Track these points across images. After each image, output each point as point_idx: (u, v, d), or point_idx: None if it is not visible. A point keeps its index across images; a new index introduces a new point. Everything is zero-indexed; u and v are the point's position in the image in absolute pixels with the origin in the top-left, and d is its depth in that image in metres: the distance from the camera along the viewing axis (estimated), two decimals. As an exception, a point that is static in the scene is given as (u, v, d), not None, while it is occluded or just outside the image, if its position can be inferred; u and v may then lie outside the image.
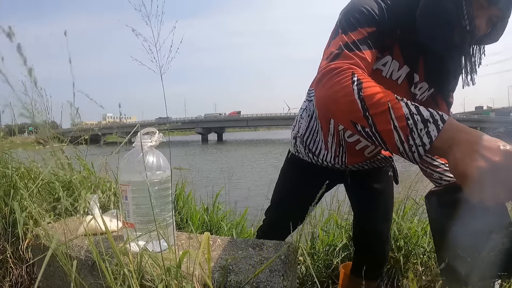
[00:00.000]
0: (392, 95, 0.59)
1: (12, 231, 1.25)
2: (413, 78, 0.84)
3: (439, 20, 0.70)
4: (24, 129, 1.87)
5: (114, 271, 0.71)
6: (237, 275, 0.77)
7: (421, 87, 0.86)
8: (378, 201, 1.09)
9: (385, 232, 1.13)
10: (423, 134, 0.53)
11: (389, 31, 0.75)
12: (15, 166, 1.40)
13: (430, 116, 0.54)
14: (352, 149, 1.00)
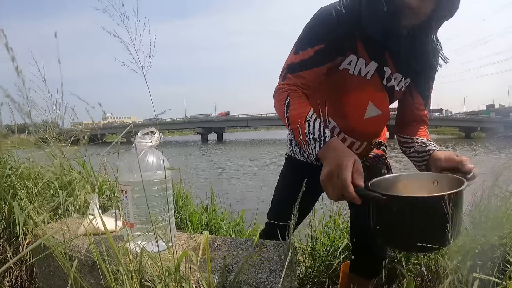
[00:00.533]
0: (304, 115, 0.81)
1: (12, 231, 1.25)
2: (384, 71, 0.89)
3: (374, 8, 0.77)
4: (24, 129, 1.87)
5: (114, 271, 0.71)
6: (237, 275, 0.77)
7: (396, 78, 0.91)
8: None
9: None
10: (312, 148, 0.79)
11: (344, 36, 0.84)
12: (15, 166, 1.40)
13: (318, 136, 0.78)
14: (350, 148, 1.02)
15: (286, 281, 0.80)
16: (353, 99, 0.93)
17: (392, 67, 0.89)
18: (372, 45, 0.86)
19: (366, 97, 0.92)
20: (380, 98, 0.92)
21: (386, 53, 0.87)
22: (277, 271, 0.80)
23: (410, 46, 0.83)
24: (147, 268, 0.72)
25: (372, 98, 0.92)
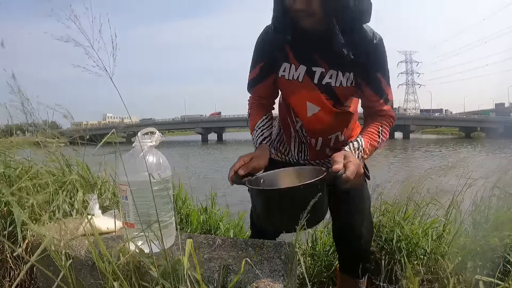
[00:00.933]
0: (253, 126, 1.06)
1: (12, 231, 1.25)
2: (313, 72, 0.97)
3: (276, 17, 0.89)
4: (24, 129, 1.87)
5: (114, 272, 0.71)
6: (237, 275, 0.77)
7: (332, 75, 0.96)
8: (346, 198, 1.08)
9: (357, 226, 1.13)
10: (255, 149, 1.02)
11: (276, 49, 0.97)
12: (14, 166, 1.39)
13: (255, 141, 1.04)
14: (311, 146, 1.13)
15: (286, 281, 0.80)
16: (295, 100, 1.05)
17: (324, 65, 0.96)
18: (299, 51, 0.95)
19: (303, 97, 1.02)
20: (315, 96, 1.00)
21: (314, 54, 0.95)
22: (277, 271, 0.80)
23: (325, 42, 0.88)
24: (145, 268, 0.72)
25: (308, 97, 1.01)
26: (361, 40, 0.91)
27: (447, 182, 1.90)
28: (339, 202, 1.03)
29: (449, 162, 2.06)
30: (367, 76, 0.96)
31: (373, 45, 0.92)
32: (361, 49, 0.91)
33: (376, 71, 0.95)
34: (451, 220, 1.59)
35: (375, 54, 0.93)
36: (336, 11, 0.83)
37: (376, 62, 0.94)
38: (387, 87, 0.97)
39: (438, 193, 1.78)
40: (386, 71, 0.97)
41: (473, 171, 1.88)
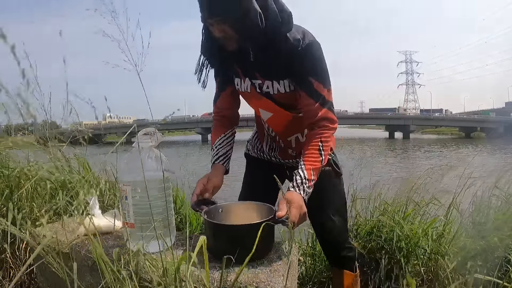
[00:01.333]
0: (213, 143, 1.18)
1: (11, 232, 1.25)
2: (255, 84, 1.08)
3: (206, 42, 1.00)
4: (24, 128, 1.87)
5: (114, 272, 0.71)
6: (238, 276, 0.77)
7: (268, 85, 1.06)
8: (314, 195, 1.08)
9: (327, 221, 1.19)
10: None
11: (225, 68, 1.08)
12: (13, 166, 1.39)
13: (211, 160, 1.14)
14: (280, 146, 1.23)
15: (286, 281, 0.80)
16: (252, 107, 1.18)
17: (260, 78, 1.06)
18: (242, 67, 1.06)
19: (255, 105, 1.15)
20: (263, 103, 1.10)
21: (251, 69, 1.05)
22: (277, 271, 0.80)
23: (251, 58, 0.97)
24: (145, 268, 0.72)
25: (259, 105, 1.13)
26: (286, 48, 0.97)
27: (447, 183, 1.90)
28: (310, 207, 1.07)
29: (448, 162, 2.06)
30: (299, 81, 1.02)
31: (298, 51, 0.97)
32: (287, 57, 0.98)
33: (307, 75, 1.00)
34: (451, 219, 1.59)
35: (302, 59, 0.98)
36: (248, 31, 0.90)
37: (305, 67, 0.99)
38: (323, 89, 1.01)
39: (438, 193, 1.78)
40: (320, 73, 1.01)
41: (473, 171, 1.88)
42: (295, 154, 1.21)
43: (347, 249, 1.22)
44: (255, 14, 0.89)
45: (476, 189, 1.67)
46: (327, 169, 1.18)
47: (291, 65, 0.99)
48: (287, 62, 0.99)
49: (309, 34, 1.00)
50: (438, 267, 1.43)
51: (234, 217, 1.00)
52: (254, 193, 1.17)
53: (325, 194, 1.18)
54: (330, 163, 1.19)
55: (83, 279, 0.88)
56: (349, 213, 1.88)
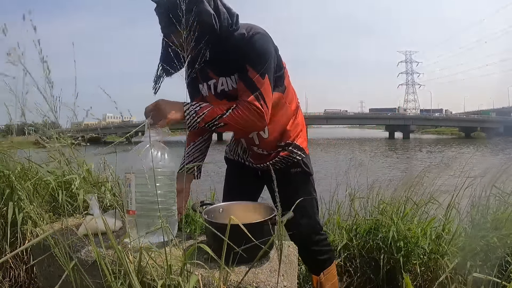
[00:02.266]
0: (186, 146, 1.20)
1: (11, 231, 1.25)
2: (210, 84, 1.11)
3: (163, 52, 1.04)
4: (24, 129, 1.87)
5: (115, 270, 0.71)
6: (237, 275, 0.77)
7: (222, 82, 1.09)
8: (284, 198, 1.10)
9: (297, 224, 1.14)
10: None
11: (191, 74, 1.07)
12: (14, 166, 1.39)
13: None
14: (252, 151, 1.23)
15: (286, 281, 0.80)
16: None
17: (214, 77, 1.10)
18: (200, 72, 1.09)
19: None
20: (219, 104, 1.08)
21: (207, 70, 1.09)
22: (277, 271, 0.80)
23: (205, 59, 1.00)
24: (147, 268, 0.72)
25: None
26: (234, 44, 1.02)
27: (444, 183, 1.91)
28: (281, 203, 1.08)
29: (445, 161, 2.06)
30: (239, 69, 1.04)
31: (242, 43, 1.01)
32: (235, 52, 1.02)
33: (245, 62, 1.01)
34: (450, 219, 1.60)
35: (244, 49, 1.01)
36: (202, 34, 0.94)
37: (245, 55, 1.02)
38: (257, 78, 1.01)
39: (436, 192, 1.79)
40: (255, 62, 1.01)
41: (470, 170, 1.88)
42: (263, 151, 1.20)
43: (319, 252, 1.21)
44: (209, 15, 0.94)
45: (474, 188, 1.68)
46: (298, 170, 1.20)
47: (237, 58, 1.02)
48: (235, 56, 1.02)
49: (256, 28, 1.04)
50: (438, 267, 1.43)
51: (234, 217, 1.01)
52: (232, 197, 1.19)
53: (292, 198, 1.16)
54: (300, 163, 1.20)
55: (83, 279, 0.88)
56: (348, 212, 1.88)
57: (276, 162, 1.18)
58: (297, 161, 1.19)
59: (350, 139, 26.87)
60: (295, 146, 1.18)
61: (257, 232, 0.77)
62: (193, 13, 0.88)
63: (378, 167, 5.56)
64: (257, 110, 1.01)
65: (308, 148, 1.24)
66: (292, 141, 1.18)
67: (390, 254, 1.52)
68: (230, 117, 1.00)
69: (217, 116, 1.00)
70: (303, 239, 1.19)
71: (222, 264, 0.71)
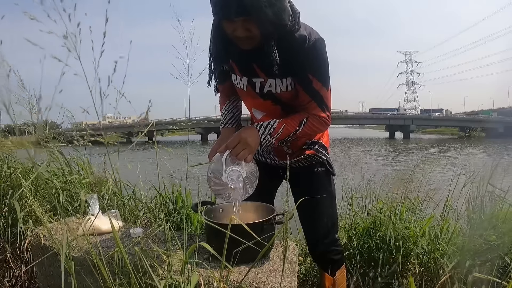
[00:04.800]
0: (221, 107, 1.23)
1: (12, 231, 1.25)
2: (254, 82, 1.06)
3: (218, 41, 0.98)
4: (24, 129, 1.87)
5: (114, 271, 0.71)
6: (237, 275, 0.78)
7: (271, 84, 1.04)
8: (307, 196, 1.10)
9: (316, 223, 1.19)
10: None
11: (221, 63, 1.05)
12: (14, 166, 1.39)
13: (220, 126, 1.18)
14: (277, 149, 1.20)
15: (286, 281, 0.80)
16: (246, 105, 1.20)
17: (263, 76, 1.04)
18: (241, 64, 1.05)
19: (249, 105, 1.16)
20: (259, 103, 1.10)
21: (254, 66, 1.03)
22: (277, 271, 0.81)
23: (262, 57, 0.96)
24: (146, 268, 0.72)
25: (253, 104, 1.13)
26: (293, 46, 0.97)
27: (440, 181, 1.91)
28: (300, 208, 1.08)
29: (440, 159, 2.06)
30: (299, 77, 1.01)
31: (303, 48, 0.96)
32: (292, 55, 0.97)
33: (307, 71, 0.99)
34: (447, 218, 1.60)
35: (307, 55, 0.97)
36: (272, 32, 0.89)
37: (307, 63, 0.98)
38: (321, 88, 1.00)
39: (432, 191, 1.79)
40: (320, 72, 1.00)
41: (467, 168, 1.89)
42: (291, 151, 1.20)
43: (334, 252, 1.21)
44: (288, 15, 0.89)
45: (470, 187, 1.68)
46: (320, 169, 1.19)
47: (295, 62, 0.98)
48: (292, 59, 0.97)
49: (314, 31, 0.99)
50: (437, 266, 1.43)
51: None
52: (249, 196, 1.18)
53: (319, 198, 1.17)
54: (324, 163, 1.19)
55: (83, 279, 0.88)
56: (347, 212, 1.88)
57: (301, 159, 1.17)
58: (322, 161, 1.19)
59: (350, 139, 26.83)
60: (320, 145, 1.18)
61: (257, 232, 0.78)
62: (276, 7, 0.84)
63: (378, 167, 5.56)
64: (325, 122, 1.04)
65: (329, 148, 1.24)
66: (318, 140, 1.18)
67: (389, 254, 1.52)
68: (302, 132, 1.02)
69: (291, 134, 1.01)
70: (322, 238, 1.20)
71: (223, 263, 0.70)
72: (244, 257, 0.76)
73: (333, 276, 1.21)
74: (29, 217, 1.21)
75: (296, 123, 1.01)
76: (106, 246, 0.97)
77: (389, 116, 50.50)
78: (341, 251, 1.25)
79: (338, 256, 1.22)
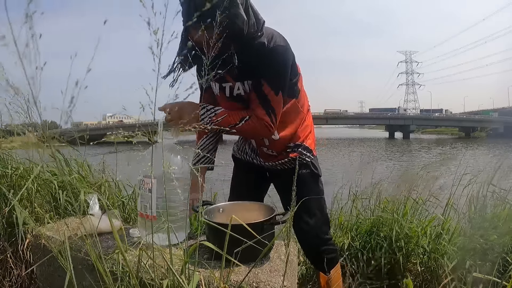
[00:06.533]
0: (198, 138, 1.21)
1: (12, 231, 1.25)
2: (224, 87, 1.12)
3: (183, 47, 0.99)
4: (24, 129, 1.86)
5: (114, 271, 0.71)
6: (237, 275, 0.78)
7: (239, 86, 1.09)
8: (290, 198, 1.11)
9: (303, 225, 1.20)
10: None
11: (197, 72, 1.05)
12: (15, 166, 1.40)
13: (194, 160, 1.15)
14: (261, 151, 1.24)
15: (286, 281, 0.80)
16: None
17: (231, 80, 1.09)
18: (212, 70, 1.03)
19: (224, 108, 1.13)
20: (231, 106, 1.11)
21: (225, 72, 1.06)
22: (277, 271, 0.81)
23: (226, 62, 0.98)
24: (146, 268, 0.72)
25: (227, 108, 1.11)
26: (255, 51, 1.01)
27: (442, 181, 1.91)
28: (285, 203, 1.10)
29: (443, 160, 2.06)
30: (254, 81, 1.05)
31: (259, 54, 1.01)
32: (252, 59, 1.02)
33: (261, 75, 1.03)
34: (449, 218, 1.60)
35: (261, 61, 1.02)
36: (232, 39, 0.93)
37: (262, 68, 1.03)
38: (270, 93, 1.03)
39: (435, 191, 1.79)
40: (273, 76, 1.03)
41: (468, 169, 1.89)
42: (272, 152, 1.22)
43: (326, 251, 1.22)
44: (242, 21, 0.93)
45: (472, 187, 1.68)
46: (305, 171, 1.20)
47: (252, 66, 1.03)
48: (252, 62, 1.02)
49: (277, 37, 1.03)
50: (437, 266, 1.43)
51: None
52: (239, 195, 1.20)
53: (306, 199, 1.15)
54: (309, 165, 1.21)
55: (83, 279, 0.88)
56: (350, 212, 1.88)
57: (285, 162, 1.20)
58: (306, 163, 1.20)
59: (350, 139, 26.86)
60: (304, 147, 1.20)
61: (257, 232, 0.78)
62: (228, 13, 0.87)
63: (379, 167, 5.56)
64: (267, 125, 1.05)
65: (316, 150, 1.25)
66: (301, 143, 1.20)
67: (390, 254, 1.52)
68: (241, 127, 1.05)
69: (230, 125, 1.04)
70: (313, 238, 1.21)
71: (223, 263, 0.71)
72: (244, 257, 0.76)
73: (328, 274, 1.23)
74: (30, 217, 1.21)
75: (237, 118, 1.05)
76: (106, 246, 0.97)
77: (389, 116, 50.54)
78: (334, 250, 1.25)
79: (331, 255, 1.23)
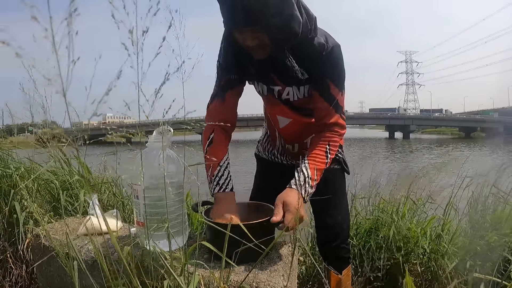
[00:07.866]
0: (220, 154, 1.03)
1: (12, 231, 1.25)
2: (273, 89, 1.07)
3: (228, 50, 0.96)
4: (24, 129, 1.87)
5: (115, 271, 0.71)
6: (237, 275, 0.78)
7: (289, 92, 1.05)
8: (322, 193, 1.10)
9: (332, 221, 1.19)
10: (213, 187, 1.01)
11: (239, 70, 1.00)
12: (15, 166, 1.39)
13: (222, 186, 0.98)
14: (289, 150, 1.22)
15: (286, 281, 0.80)
16: (269, 112, 1.18)
17: (281, 84, 1.05)
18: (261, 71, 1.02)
19: (273, 112, 1.14)
20: (282, 110, 1.10)
21: (271, 75, 1.04)
22: (277, 271, 0.80)
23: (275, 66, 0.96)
24: (148, 268, 0.72)
25: (278, 111, 1.12)
26: (311, 54, 0.96)
27: (443, 182, 1.91)
28: (315, 203, 1.08)
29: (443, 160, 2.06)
30: (316, 82, 1.01)
31: (322, 55, 0.96)
32: (312, 62, 0.96)
33: (326, 77, 0.99)
34: (449, 218, 1.60)
35: (325, 62, 0.97)
36: (283, 41, 0.88)
37: (325, 69, 0.99)
38: (338, 93, 1.00)
39: (434, 192, 1.79)
40: (338, 77, 1.00)
41: (469, 169, 1.89)
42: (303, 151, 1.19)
43: (343, 250, 1.21)
44: (298, 23, 0.86)
45: (473, 188, 1.68)
46: (337, 167, 1.20)
47: (314, 70, 0.97)
48: (310, 66, 0.96)
49: (330, 37, 0.99)
50: (437, 267, 1.43)
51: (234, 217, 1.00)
52: (263, 194, 1.17)
53: (334, 194, 1.18)
54: (340, 161, 1.21)
55: (83, 279, 0.88)
56: (350, 212, 1.88)
57: None
58: (338, 159, 1.20)
59: (350, 139, 26.82)
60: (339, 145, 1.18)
61: (257, 232, 0.77)
62: (284, 15, 0.82)
63: (378, 167, 5.55)
64: (341, 128, 1.03)
65: None
66: None
67: (390, 254, 1.52)
68: (330, 158, 1.01)
69: (323, 169, 0.99)
70: (335, 233, 1.20)
71: (223, 263, 0.70)
72: (244, 257, 0.76)
73: (340, 274, 1.22)
74: (30, 217, 1.21)
75: (323, 157, 1.00)
76: (106, 246, 0.97)
77: (389, 116, 50.52)
78: (349, 251, 1.25)
79: (347, 254, 1.23)
